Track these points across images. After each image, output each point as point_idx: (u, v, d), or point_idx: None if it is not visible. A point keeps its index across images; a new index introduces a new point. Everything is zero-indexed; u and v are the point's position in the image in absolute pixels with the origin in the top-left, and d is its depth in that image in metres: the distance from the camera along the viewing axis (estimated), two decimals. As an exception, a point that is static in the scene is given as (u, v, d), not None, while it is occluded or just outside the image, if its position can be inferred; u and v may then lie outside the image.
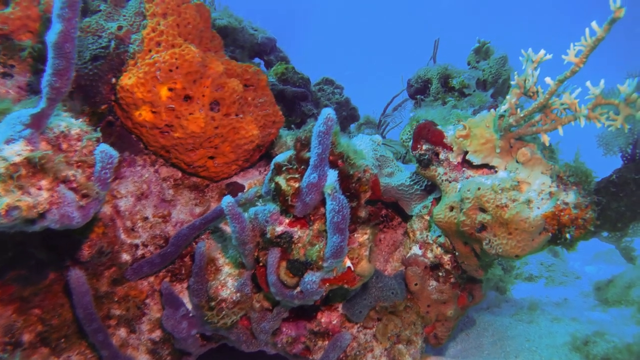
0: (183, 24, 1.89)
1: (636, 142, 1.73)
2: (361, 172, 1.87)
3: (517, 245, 1.73)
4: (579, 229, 1.72)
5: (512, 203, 1.71)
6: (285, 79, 3.06)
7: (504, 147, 1.81)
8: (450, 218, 1.87)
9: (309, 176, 1.63)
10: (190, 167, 2.00)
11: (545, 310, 2.96)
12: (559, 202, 1.71)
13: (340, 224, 1.58)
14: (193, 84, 1.87)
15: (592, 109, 1.57)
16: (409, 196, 2.16)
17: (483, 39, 3.29)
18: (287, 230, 1.70)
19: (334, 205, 1.56)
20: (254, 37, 3.46)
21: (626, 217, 1.73)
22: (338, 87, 3.79)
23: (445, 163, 1.92)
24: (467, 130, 1.87)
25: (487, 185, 1.76)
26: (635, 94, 1.47)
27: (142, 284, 1.91)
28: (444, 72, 3.25)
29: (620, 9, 1.29)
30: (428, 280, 2.07)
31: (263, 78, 2.17)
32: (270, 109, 2.17)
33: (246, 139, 2.03)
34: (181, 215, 2.02)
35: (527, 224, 1.69)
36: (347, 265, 1.70)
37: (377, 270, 2.07)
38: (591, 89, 1.55)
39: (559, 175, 1.77)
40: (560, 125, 1.66)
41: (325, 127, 1.62)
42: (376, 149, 2.18)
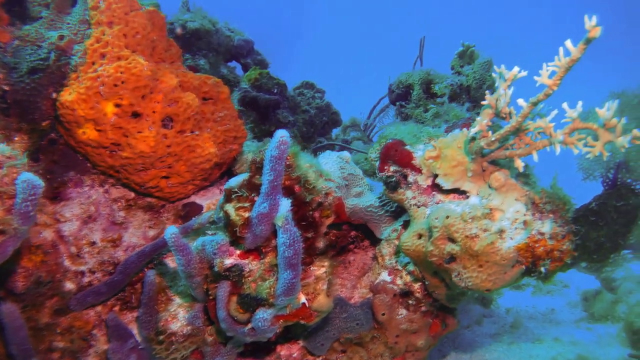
0: (131, 33, 1.74)
1: (618, 166, 1.60)
2: (322, 196, 1.73)
3: (487, 278, 1.60)
4: (554, 262, 1.59)
5: (483, 233, 1.58)
6: (259, 85, 2.91)
7: (476, 170, 1.68)
8: (418, 246, 1.74)
9: (260, 205, 1.49)
10: (142, 187, 1.86)
11: (528, 329, 2.84)
12: (533, 233, 1.58)
13: (291, 259, 1.45)
14: (142, 99, 1.73)
15: (569, 133, 1.44)
16: (378, 218, 2.02)
17: (467, 42, 3.14)
18: (238, 262, 1.57)
19: (285, 238, 1.43)
20: (230, 39, 3.31)
21: (606, 248, 1.60)
22: (319, 91, 3.65)
23: (414, 186, 1.78)
24: (437, 151, 1.73)
25: (456, 213, 1.62)
26: (615, 119, 1.34)
27: (88, 314, 1.78)
28: (426, 78, 3.11)
29: (595, 28, 1.15)
30: (397, 309, 1.94)
31: (223, 90, 2.03)
32: (232, 123, 2.03)
33: (202, 157, 1.89)
34: (133, 239, 1.88)
35: (498, 257, 1.56)
36: (302, 301, 1.57)
37: (342, 299, 1.95)
38: (568, 111, 1.41)
39: (534, 202, 1.64)
40: (534, 150, 1.52)
41: (278, 152, 1.48)
42: (344, 167, 2.04)
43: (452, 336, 2.70)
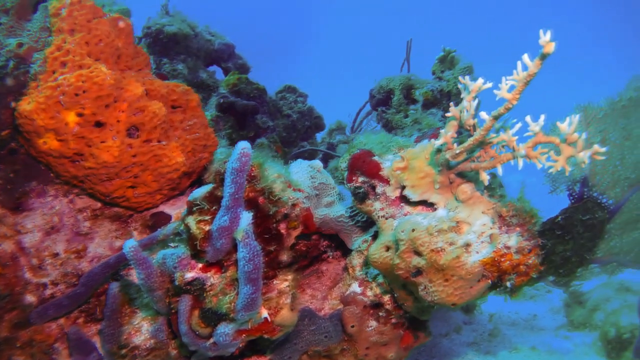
0: (94, 41, 1.71)
1: (584, 180, 1.58)
2: (289, 207, 1.71)
3: (453, 293, 1.58)
4: (521, 276, 1.57)
5: (449, 247, 1.56)
6: (237, 90, 2.88)
7: (443, 182, 1.66)
8: (386, 259, 1.72)
9: (220, 219, 1.47)
10: (108, 197, 1.83)
11: (506, 337, 2.83)
12: (500, 246, 1.56)
13: (251, 273, 1.42)
14: (105, 108, 1.70)
15: (532, 147, 1.42)
16: (349, 228, 2.00)
17: (448, 48, 3.12)
18: (199, 276, 1.54)
19: (245, 252, 1.40)
20: (211, 43, 3.28)
21: (572, 262, 1.59)
22: (301, 95, 3.62)
23: (382, 197, 1.76)
24: (405, 162, 1.71)
25: (422, 226, 1.60)
26: (576, 134, 1.32)
27: (50, 327, 1.75)
28: (407, 83, 3.09)
29: (549, 44, 1.13)
30: (367, 321, 1.92)
31: (193, 98, 2.00)
32: (202, 131, 2.00)
33: (170, 167, 1.86)
34: (99, 250, 1.85)
35: (464, 271, 1.54)
36: (264, 316, 1.54)
37: (311, 311, 1.92)
38: (530, 124, 1.39)
39: (501, 215, 1.62)
40: (499, 164, 1.50)
41: (239, 164, 1.46)
42: (315, 176, 2.01)
43: (430, 345, 2.68)
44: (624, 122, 1.59)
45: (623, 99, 1.61)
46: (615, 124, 1.60)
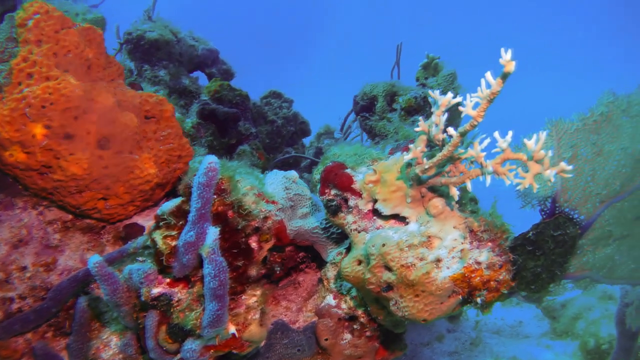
0: (62, 52, 1.68)
1: (555, 195, 1.57)
2: (260, 220, 1.70)
3: (424, 308, 1.56)
4: (491, 292, 1.56)
5: (419, 262, 1.54)
6: (219, 97, 2.86)
7: (415, 196, 1.64)
8: (358, 273, 1.70)
9: (186, 234, 1.45)
10: (78, 209, 1.81)
11: (488, 346, 2.82)
12: (470, 262, 1.55)
13: (217, 289, 1.41)
14: (74, 120, 1.67)
15: (500, 163, 1.41)
16: (324, 240, 1.99)
17: (432, 54, 3.11)
18: (166, 291, 1.52)
19: (210, 269, 1.38)
20: (194, 48, 3.25)
21: (543, 278, 1.58)
22: (286, 100, 3.60)
23: (354, 210, 1.75)
24: (377, 175, 1.69)
25: (393, 240, 1.59)
26: (542, 152, 1.31)
27: (16, 342, 1.72)
28: (390, 89, 3.08)
29: (510, 63, 1.11)
30: (342, 334, 1.91)
31: (167, 108, 1.98)
32: (176, 142, 1.98)
33: (141, 179, 1.84)
34: (69, 262, 1.83)
35: (434, 287, 1.52)
36: (232, 332, 1.53)
37: (284, 324, 1.91)
38: (499, 140, 1.38)
39: (472, 230, 1.61)
40: (468, 179, 1.49)
41: (206, 179, 1.44)
42: (290, 187, 1.99)
43: (410, 354, 2.67)
44: (595, 137, 1.59)
45: (594, 114, 1.60)
46: (587, 140, 1.59)
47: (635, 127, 1.58)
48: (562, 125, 1.61)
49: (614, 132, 1.59)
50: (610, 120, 1.59)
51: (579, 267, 1.68)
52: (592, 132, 1.59)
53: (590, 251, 1.67)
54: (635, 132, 1.58)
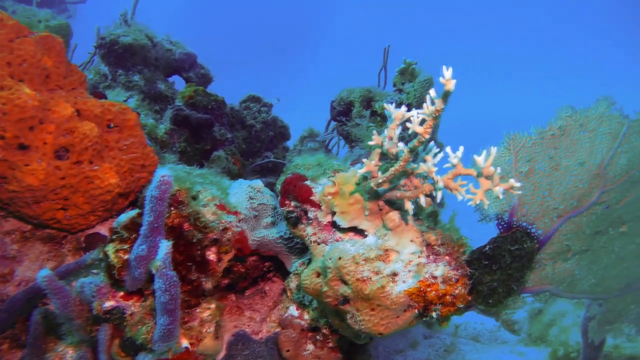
0: (17, 62, 1.66)
1: (512, 209, 1.57)
2: (219, 232, 1.68)
3: (380, 322, 1.56)
4: (447, 307, 1.55)
5: (375, 276, 1.54)
6: (193, 102, 2.84)
7: (372, 209, 1.64)
8: (317, 285, 1.69)
9: (138, 248, 1.44)
10: (36, 220, 1.79)
11: (462, 352, 2.82)
12: (426, 276, 1.54)
13: (167, 304, 1.39)
14: (29, 131, 1.66)
15: (452, 179, 1.40)
16: (288, 250, 1.98)
17: (409, 59, 3.10)
18: (119, 305, 1.51)
19: (161, 283, 1.37)
20: (171, 53, 3.23)
21: (499, 292, 1.57)
22: (265, 105, 3.59)
23: (314, 222, 1.74)
24: (336, 187, 1.68)
25: (349, 254, 1.58)
26: (491, 168, 1.30)
27: (-28, 354, 1.71)
28: (367, 95, 3.07)
29: (449, 81, 1.11)
30: (304, 345, 1.90)
31: (130, 117, 1.96)
32: (139, 151, 1.96)
33: (102, 188, 1.82)
34: (28, 273, 1.81)
35: (389, 301, 1.52)
36: (184, 346, 1.52)
37: (245, 335, 1.89)
38: (450, 155, 1.37)
39: (430, 243, 1.60)
40: (421, 194, 1.48)
41: (158, 192, 1.43)
42: (254, 196, 1.98)
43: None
44: (553, 151, 1.58)
45: (552, 128, 1.60)
46: (544, 154, 1.59)
47: (592, 142, 1.58)
48: (519, 139, 1.60)
49: (571, 146, 1.58)
50: (568, 135, 1.59)
51: (537, 281, 1.67)
52: (549, 146, 1.59)
53: (549, 265, 1.66)
54: (593, 147, 1.58)
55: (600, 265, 1.70)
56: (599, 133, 1.57)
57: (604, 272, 1.71)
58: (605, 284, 1.73)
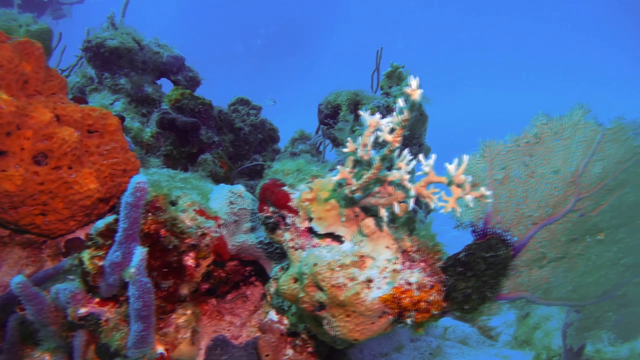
0: (-6, 68, 1.67)
1: (487, 217, 1.57)
2: (197, 237, 1.69)
3: (355, 328, 1.56)
4: (421, 313, 1.55)
5: (350, 283, 1.54)
6: (180, 106, 2.85)
7: (349, 215, 1.64)
8: (294, 291, 1.70)
9: (112, 254, 1.44)
10: (14, 225, 1.79)
11: (447, 356, 2.83)
12: (401, 282, 1.55)
13: (141, 311, 1.40)
14: (7, 137, 1.66)
15: (425, 186, 1.41)
16: (268, 255, 1.98)
17: (396, 63, 3.11)
18: (94, 311, 1.51)
19: (134, 290, 1.37)
20: (159, 55, 3.23)
21: (473, 299, 1.58)
22: (254, 107, 3.59)
23: (292, 228, 1.74)
24: (313, 193, 1.69)
25: (325, 260, 1.58)
26: (462, 176, 1.31)
27: (-51, 359, 1.71)
28: (354, 98, 3.07)
29: (414, 92, 1.11)
30: (284, 349, 1.90)
31: (111, 122, 1.96)
32: (120, 156, 1.97)
33: (81, 194, 1.82)
34: (6, 278, 1.81)
35: (363, 308, 1.52)
36: (159, 352, 1.52)
37: (224, 339, 1.90)
38: (423, 163, 1.38)
39: (405, 250, 1.61)
40: (395, 201, 1.49)
41: (133, 199, 1.43)
42: (234, 201, 1.99)
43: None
44: (528, 159, 1.59)
45: (527, 136, 1.61)
46: (519, 161, 1.60)
47: (567, 150, 1.59)
48: (494, 147, 1.61)
49: (546, 154, 1.59)
50: (543, 142, 1.60)
51: (513, 288, 1.68)
52: (524, 153, 1.60)
53: (525, 272, 1.67)
54: (567, 155, 1.58)
55: (576, 272, 1.71)
56: (574, 141, 1.58)
57: (581, 279, 1.72)
58: (582, 291, 1.74)
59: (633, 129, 1.57)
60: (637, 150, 1.58)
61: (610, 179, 1.59)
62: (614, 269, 1.75)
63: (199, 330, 1.69)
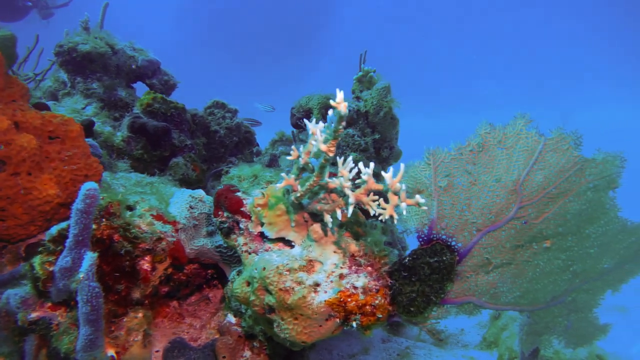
0: (-48, 76, 1.70)
1: (432, 223, 1.62)
2: (152, 242, 1.72)
3: (303, 331, 1.60)
4: (366, 316, 1.60)
5: (297, 286, 1.58)
6: (152, 110, 2.88)
7: (298, 220, 1.68)
8: (247, 294, 1.74)
9: (62, 260, 1.48)
10: (-26, 229, 1.82)
11: (414, 356, 2.87)
12: (347, 286, 1.59)
13: (89, 314, 1.43)
14: (-36, 143, 1.69)
15: (365, 193, 1.45)
16: (228, 258, 2.02)
17: (367, 67, 3.15)
18: (45, 315, 1.55)
19: (82, 294, 1.41)
20: (134, 59, 3.26)
21: (418, 303, 1.63)
22: (229, 110, 3.62)
23: (245, 233, 1.78)
24: (265, 199, 1.73)
25: (273, 264, 1.62)
26: (398, 184, 1.35)
27: None
28: (325, 102, 3.11)
29: (339, 104, 1.16)
30: (241, 351, 1.95)
31: (73, 129, 1.99)
32: (82, 162, 2.00)
33: (40, 199, 1.85)
34: (-34, 282, 1.84)
35: (310, 311, 1.56)
36: (110, 355, 1.56)
37: (182, 341, 1.93)
38: (362, 170, 1.42)
39: (353, 254, 1.65)
40: (338, 208, 1.53)
41: (83, 205, 1.47)
42: (195, 206, 2.02)
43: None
44: (471, 167, 1.63)
45: (471, 144, 1.65)
46: (463, 169, 1.64)
47: (510, 159, 1.63)
48: (439, 155, 1.65)
49: (489, 162, 1.63)
50: (487, 151, 1.64)
51: (460, 292, 1.72)
52: (468, 162, 1.64)
53: (472, 277, 1.71)
54: (510, 164, 1.63)
55: (525, 278, 1.75)
56: (516, 150, 1.63)
57: (529, 285, 1.77)
58: (530, 296, 1.79)
59: (574, 139, 1.62)
60: (577, 160, 1.63)
61: (552, 187, 1.63)
62: (563, 275, 1.79)
63: (152, 332, 1.73)
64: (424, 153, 1.65)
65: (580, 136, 1.62)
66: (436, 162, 1.64)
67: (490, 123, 1.65)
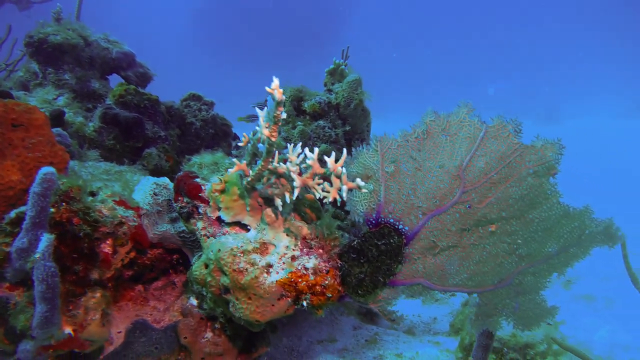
0: None
1: (380, 206, 1.69)
2: (114, 226, 1.78)
3: (256, 310, 1.67)
4: (316, 296, 1.67)
5: (250, 267, 1.65)
6: (124, 101, 2.92)
7: (253, 205, 1.75)
8: (204, 276, 1.80)
9: (19, 241, 1.53)
10: (-61, 214, 1.87)
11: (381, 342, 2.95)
12: (299, 267, 1.67)
13: (45, 293, 1.49)
14: None
15: (311, 177, 1.52)
16: (190, 244, 2.08)
17: (338, 60, 3.22)
18: (2, 295, 1.61)
19: (38, 273, 1.47)
20: (108, 51, 3.30)
21: (367, 284, 1.70)
22: (205, 103, 3.67)
23: (204, 217, 1.84)
24: (222, 184, 1.79)
25: (227, 247, 1.69)
26: (339, 168, 1.42)
27: None
28: (297, 95, 3.17)
29: (274, 91, 1.22)
30: (203, 332, 2.01)
31: (37, 117, 2.04)
32: (47, 149, 2.05)
33: (3, 185, 1.90)
34: None
35: (262, 290, 1.63)
36: (67, 332, 1.61)
37: (144, 323, 2.00)
38: (308, 155, 1.49)
39: (304, 237, 1.72)
40: (287, 192, 1.60)
41: (40, 189, 1.52)
42: (159, 192, 2.08)
43: (303, 351, 2.79)
44: (417, 154, 1.70)
45: (417, 131, 1.72)
46: (408, 155, 1.71)
47: (453, 146, 1.70)
48: (386, 142, 1.72)
49: (434, 149, 1.71)
50: (431, 138, 1.71)
51: (409, 274, 1.79)
52: (413, 148, 1.71)
53: (419, 260, 1.78)
54: (453, 150, 1.70)
55: (472, 261, 1.83)
56: (459, 137, 1.70)
57: (476, 267, 1.85)
58: (477, 278, 1.87)
59: (514, 127, 1.70)
60: (517, 146, 1.71)
61: (493, 172, 1.71)
62: (509, 258, 1.87)
63: (111, 312, 1.79)
64: (371, 140, 1.72)
65: (520, 124, 1.70)
66: (383, 148, 1.72)
67: (435, 111, 1.72)
